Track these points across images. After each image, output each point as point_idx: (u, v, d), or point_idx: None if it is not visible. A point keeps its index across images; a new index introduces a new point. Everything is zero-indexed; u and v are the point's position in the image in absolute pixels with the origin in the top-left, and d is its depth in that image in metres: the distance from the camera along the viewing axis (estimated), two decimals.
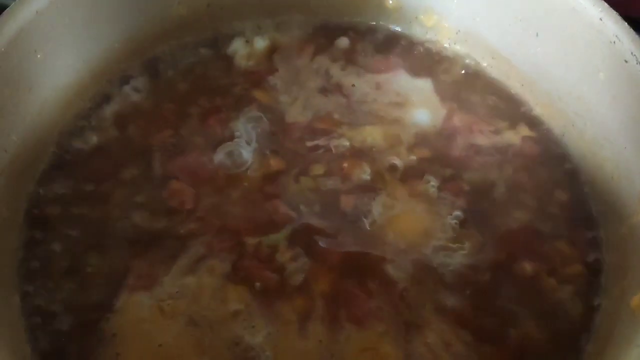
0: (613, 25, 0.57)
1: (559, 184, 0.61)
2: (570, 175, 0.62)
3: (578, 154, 0.62)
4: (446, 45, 0.71)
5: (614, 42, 0.56)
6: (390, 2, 0.71)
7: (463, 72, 0.69)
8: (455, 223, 0.57)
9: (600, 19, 0.57)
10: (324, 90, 0.66)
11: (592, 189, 0.60)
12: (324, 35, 0.70)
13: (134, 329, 0.49)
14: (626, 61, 0.55)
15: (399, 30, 0.72)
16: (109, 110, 0.63)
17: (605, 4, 0.58)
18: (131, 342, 0.49)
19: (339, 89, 0.66)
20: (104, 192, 0.57)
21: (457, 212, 0.57)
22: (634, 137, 0.56)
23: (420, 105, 0.65)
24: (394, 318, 0.51)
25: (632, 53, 0.55)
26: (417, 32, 0.71)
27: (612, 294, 0.54)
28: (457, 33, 0.70)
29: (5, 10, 0.53)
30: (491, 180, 0.60)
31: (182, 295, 0.51)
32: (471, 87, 0.68)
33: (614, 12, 0.57)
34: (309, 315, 0.51)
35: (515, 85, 0.67)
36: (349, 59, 0.69)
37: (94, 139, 0.60)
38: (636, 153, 0.55)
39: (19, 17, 0.54)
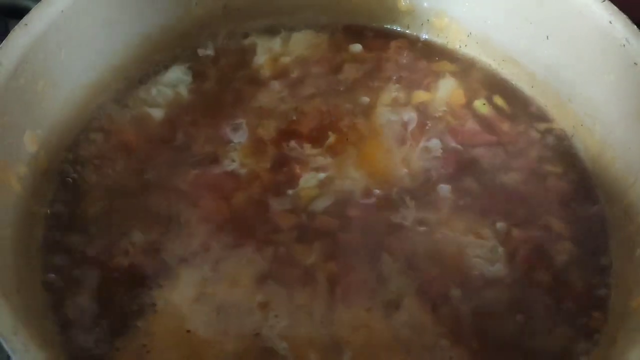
0: (623, 28, 0.58)
1: (569, 186, 0.62)
2: (580, 176, 0.63)
3: (587, 154, 0.63)
4: (457, 47, 0.72)
5: (624, 45, 0.57)
6: (403, 3, 0.72)
7: (474, 74, 0.70)
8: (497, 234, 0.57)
9: (610, 22, 0.58)
10: (331, 93, 0.66)
11: (602, 188, 0.61)
12: (336, 38, 0.71)
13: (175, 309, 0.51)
14: (635, 63, 0.57)
15: (410, 32, 0.73)
16: (127, 108, 0.64)
17: (615, 7, 0.59)
18: (164, 321, 0.50)
19: (348, 92, 0.67)
20: (125, 190, 0.58)
21: (500, 223, 0.58)
22: None
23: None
24: (378, 295, 0.53)
25: None
26: (428, 34, 0.73)
27: (618, 293, 0.55)
28: (468, 36, 0.71)
29: (33, 9, 0.55)
30: (503, 183, 0.61)
31: (220, 278, 0.53)
32: (482, 89, 0.68)
33: (624, 16, 0.58)
34: (316, 301, 0.52)
35: (525, 87, 0.68)
36: (360, 60, 0.70)
37: (114, 138, 0.61)
38: None
39: (46, 15, 0.55)
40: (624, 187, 0.58)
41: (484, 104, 0.67)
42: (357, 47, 0.71)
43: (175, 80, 0.66)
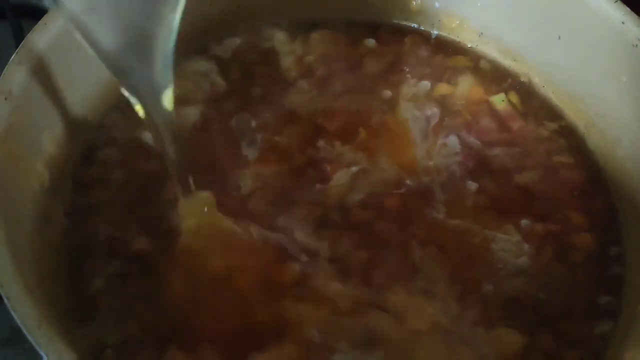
0: (635, 28, 0.58)
1: (582, 176, 0.62)
2: (592, 169, 0.63)
3: (599, 153, 0.64)
4: (468, 47, 0.72)
5: (636, 46, 0.58)
6: (414, 3, 0.72)
7: (485, 72, 0.70)
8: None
9: (623, 23, 0.59)
10: (357, 89, 0.67)
11: (614, 186, 0.61)
12: (352, 35, 0.72)
13: None
14: None
15: (421, 30, 0.73)
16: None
17: (627, 7, 0.59)
18: None
19: (372, 87, 0.67)
20: (141, 182, 0.59)
21: (524, 220, 0.58)
22: None
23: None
24: (410, 284, 0.53)
25: None
26: (439, 34, 0.73)
27: (632, 288, 0.55)
28: (479, 36, 0.71)
29: (52, 8, 0.55)
30: (520, 180, 0.61)
31: None
32: (494, 86, 0.69)
33: (636, 16, 0.59)
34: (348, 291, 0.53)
35: (537, 86, 0.69)
36: (378, 54, 0.70)
37: (132, 136, 0.62)
38: None
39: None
40: (637, 187, 0.59)
41: (503, 100, 0.67)
42: (371, 42, 0.71)
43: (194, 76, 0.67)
